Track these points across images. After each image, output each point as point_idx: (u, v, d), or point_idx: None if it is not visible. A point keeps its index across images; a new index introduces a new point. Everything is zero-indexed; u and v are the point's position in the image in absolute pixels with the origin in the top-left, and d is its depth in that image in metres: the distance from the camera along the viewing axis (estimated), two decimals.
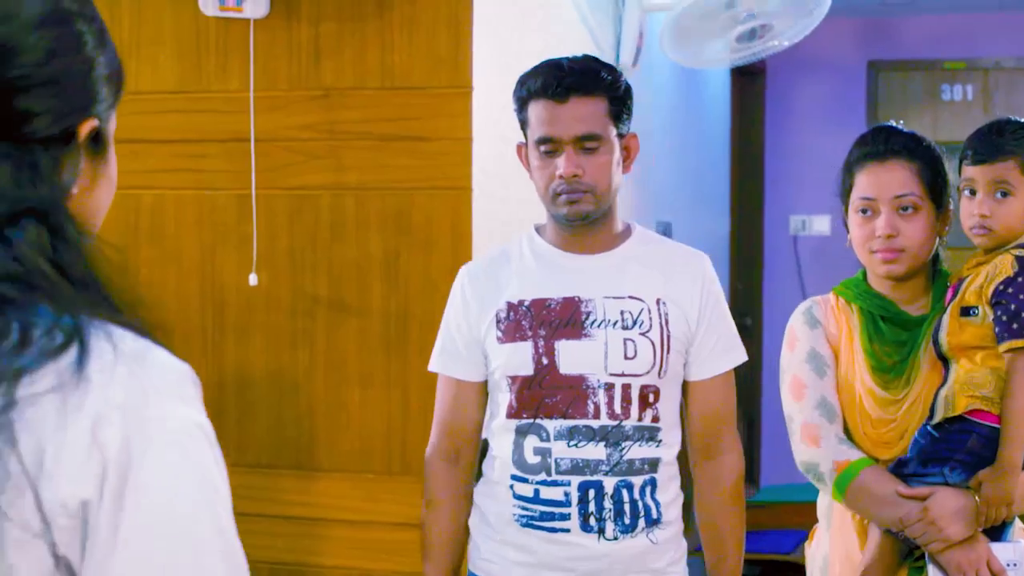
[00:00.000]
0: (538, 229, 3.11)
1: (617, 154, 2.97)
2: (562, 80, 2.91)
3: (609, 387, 2.91)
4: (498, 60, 4.16)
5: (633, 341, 2.93)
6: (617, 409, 2.91)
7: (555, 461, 2.92)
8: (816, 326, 3.11)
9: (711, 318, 3.01)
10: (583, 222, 2.97)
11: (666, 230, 6.34)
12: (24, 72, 1.27)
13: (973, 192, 2.96)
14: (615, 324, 2.93)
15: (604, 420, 2.91)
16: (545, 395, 2.93)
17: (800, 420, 3.05)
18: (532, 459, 2.94)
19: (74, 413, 1.16)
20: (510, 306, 2.99)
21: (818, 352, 3.08)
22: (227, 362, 4.22)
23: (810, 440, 3.03)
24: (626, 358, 2.92)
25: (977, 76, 8.65)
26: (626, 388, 2.92)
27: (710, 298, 3.02)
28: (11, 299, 1.21)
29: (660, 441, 2.96)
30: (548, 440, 2.92)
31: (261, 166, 4.14)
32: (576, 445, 2.90)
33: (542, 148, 2.94)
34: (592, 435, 2.90)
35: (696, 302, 2.99)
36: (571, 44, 4.90)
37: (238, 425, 4.21)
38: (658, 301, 2.97)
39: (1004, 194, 2.91)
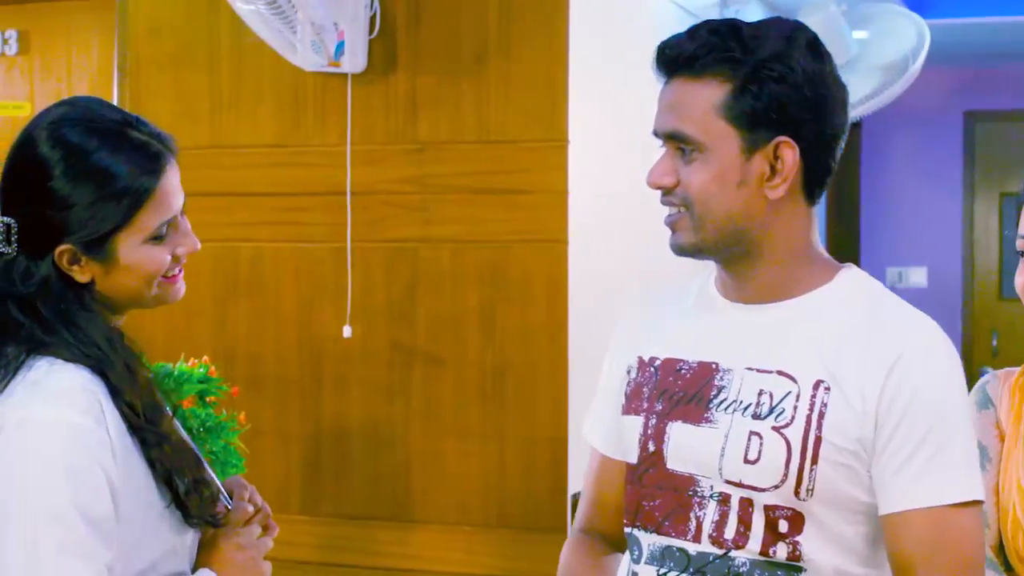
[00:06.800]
0: None
1: (738, 169, 1.91)
2: (669, 50, 1.96)
3: (723, 499, 1.93)
4: (594, 114, 4.16)
5: (760, 437, 1.91)
6: (727, 533, 1.93)
7: None
8: (987, 407, 2.28)
9: (908, 422, 1.87)
10: (692, 256, 1.99)
11: None
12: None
13: None
14: (746, 409, 1.93)
15: (705, 546, 1.94)
16: (644, 496, 2.01)
17: None
18: None
19: None
20: (640, 363, 2.08)
21: (979, 443, 2.11)
22: (324, 414, 4.24)
23: None
24: (746, 461, 1.91)
25: None
26: (745, 505, 1.92)
27: (905, 391, 1.88)
28: None
29: None
30: (639, 561, 2.02)
31: (357, 219, 4.17)
32: (665, 575, 1.97)
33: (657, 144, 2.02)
34: (685, 564, 1.96)
35: (875, 393, 1.88)
36: None
37: (334, 477, 4.23)
38: (817, 384, 1.91)
39: None
